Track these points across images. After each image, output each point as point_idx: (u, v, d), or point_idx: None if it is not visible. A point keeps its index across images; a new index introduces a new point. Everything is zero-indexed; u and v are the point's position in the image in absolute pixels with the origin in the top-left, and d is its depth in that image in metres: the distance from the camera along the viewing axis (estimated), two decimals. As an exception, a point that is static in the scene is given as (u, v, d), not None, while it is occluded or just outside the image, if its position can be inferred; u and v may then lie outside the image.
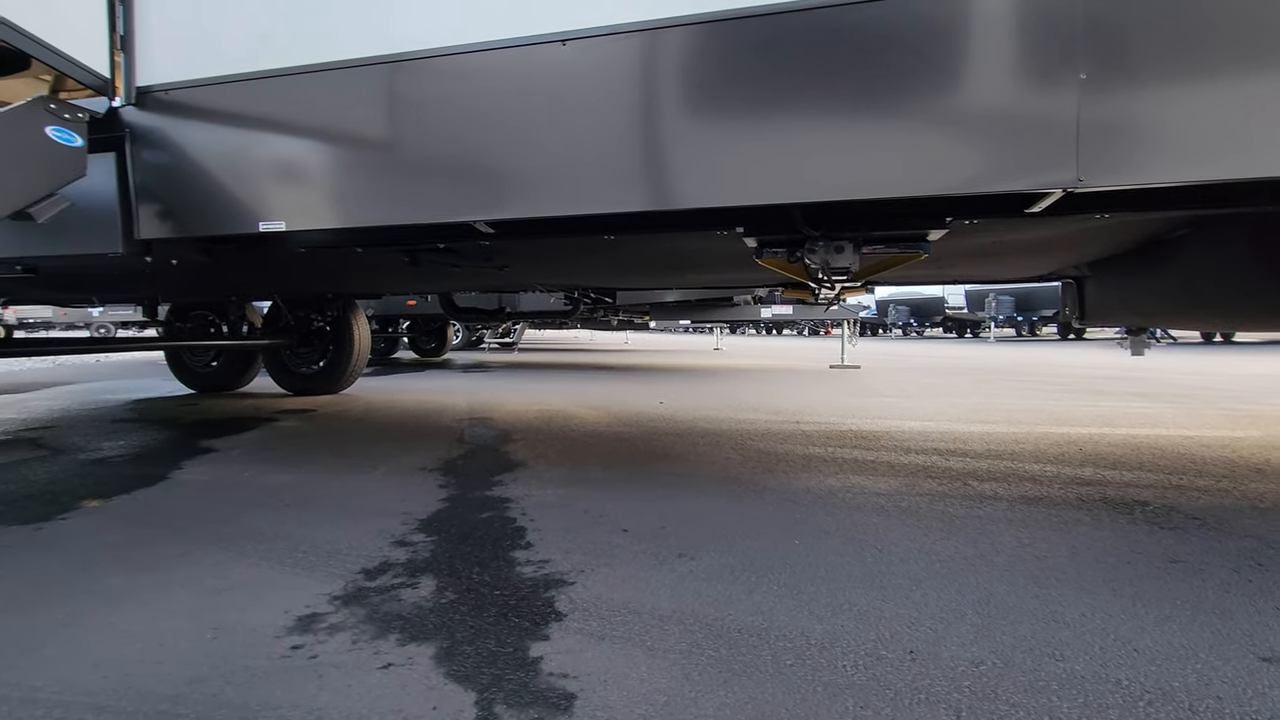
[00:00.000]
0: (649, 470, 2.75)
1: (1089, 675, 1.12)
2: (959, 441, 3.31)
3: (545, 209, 1.88)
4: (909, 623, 1.33)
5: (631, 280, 4.40)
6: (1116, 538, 1.83)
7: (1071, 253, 3.14)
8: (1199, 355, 10.73)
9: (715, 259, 2.98)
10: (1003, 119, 1.60)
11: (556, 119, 1.82)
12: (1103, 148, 1.55)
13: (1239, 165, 1.54)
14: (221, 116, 2.19)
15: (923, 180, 1.64)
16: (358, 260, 3.21)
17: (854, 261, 2.22)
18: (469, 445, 3.35)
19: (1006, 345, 15.68)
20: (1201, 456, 2.89)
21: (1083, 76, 1.55)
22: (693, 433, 3.67)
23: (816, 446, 3.22)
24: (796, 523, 2.00)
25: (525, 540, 1.85)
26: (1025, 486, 2.40)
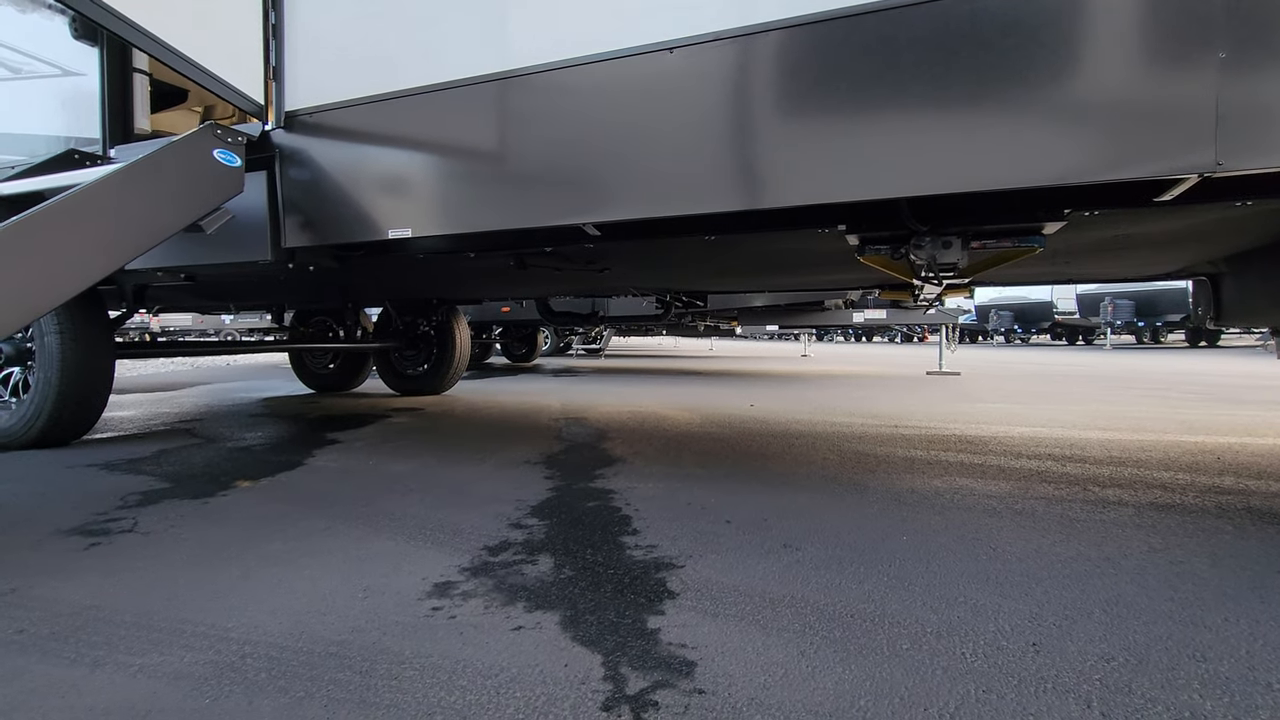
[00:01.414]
0: (746, 468, 2.77)
1: (1234, 677, 1.06)
2: (1075, 447, 3.13)
3: (649, 210, 1.96)
4: (1030, 617, 1.30)
5: (726, 283, 4.43)
6: (1265, 547, 1.70)
7: (1206, 246, 2.91)
8: (1360, 363, 9.55)
9: (812, 259, 2.98)
10: (1129, 101, 1.54)
11: (660, 123, 1.90)
12: (1245, 128, 1.46)
13: None
14: (355, 135, 2.41)
15: (1038, 169, 1.60)
16: (469, 265, 3.43)
17: (962, 257, 2.17)
18: (567, 442, 3.48)
19: (1125, 353, 14.51)
20: (1366, 468, 2.61)
21: (1222, 55, 1.47)
22: (786, 434, 3.66)
23: (918, 450, 3.13)
24: (902, 520, 1.98)
25: (632, 527, 1.92)
26: (1154, 494, 2.25)
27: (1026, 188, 1.64)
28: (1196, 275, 3.63)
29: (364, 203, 2.41)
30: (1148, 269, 3.67)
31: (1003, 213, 2.09)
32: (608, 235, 2.45)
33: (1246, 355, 12.34)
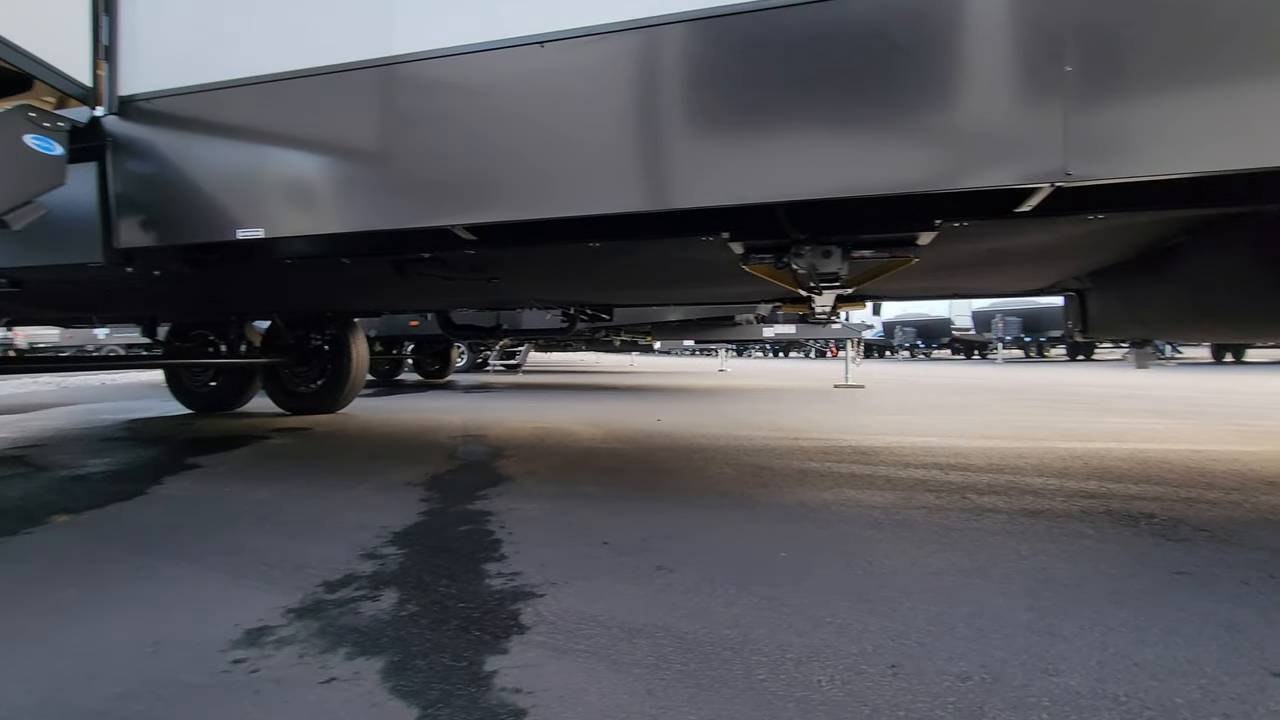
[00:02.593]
0: (640, 485, 2.67)
1: (1084, 691, 1.03)
2: (960, 456, 3.22)
3: (521, 212, 1.84)
4: (895, 636, 1.24)
5: (626, 295, 4.36)
6: (1120, 550, 1.74)
7: (1072, 262, 3.07)
8: (1210, 374, 10.56)
9: (707, 270, 2.94)
10: (986, 112, 1.55)
11: (532, 121, 1.80)
12: (1092, 139, 1.50)
13: (1232, 157, 1.48)
14: (200, 125, 2.18)
15: (904, 176, 1.59)
16: (348, 274, 3.19)
17: (842, 266, 2.16)
18: (460, 461, 3.28)
19: (1014, 366, 15.52)
20: (1211, 470, 2.79)
21: (1069, 68, 1.51)
22: (689, 449, 3.60)
23: (814, 462, 3.13)
24: (786, 536, 1.92)
25: (500, 553, 1.77)
26: (1027, 500, 2.31)
27: (893, 195, 1.64)
28: (1067, 291, 3.85)
29: (210, 200, 2.17)
30: (1023, 284, 3.87)
31: (879, 223, 2.10)
32: (486, 240, 2.31)
33: (1116, 367, 13.45)
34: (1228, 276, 2.42)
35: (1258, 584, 1.47)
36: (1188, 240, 2.53)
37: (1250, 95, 1.46)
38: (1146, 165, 1.50)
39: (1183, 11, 1.48)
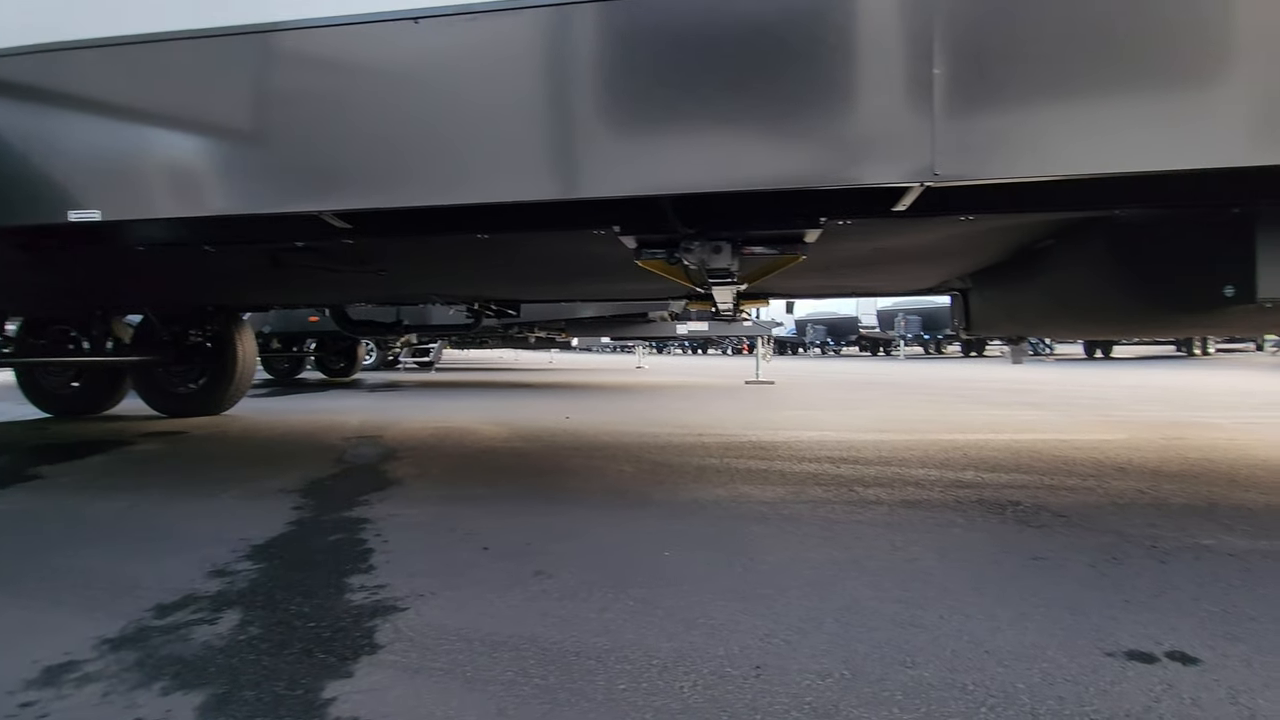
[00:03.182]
0: (535, 485, 2.59)
1: (936, 682, 1.05)
2: (853, 450, 3.32)
3: (390, 199, 1.73)
4: (763, 635, 1.23)
5: (529, 290, 4.26)
6: (986, 538, 1.82)
7: (953, 263, 3.23)
8: (1082, 368, 11.52)
9: (604, 265, 2.89)
10: (859, 112, 1.58)
11: (403, 102, 1.68)
12: (958, 141, 1.55)
13: (1085, 163, 1.57)
14: (28, 91, 1.92)
15: (783, 173, 1.60)
16: (218, 264, 2.93)
17: (733, 263, 2.16)
18: (346, 464, 3.09)
19: (915, 362, 16.41)
20: (1073, 458, 2.99)
21: (937, 72, 1.55)
22: (593, 447, 3.54)
23: (713, 458, 3.15)
24: (674, 534, 1.90)
25: (369, 564, 1.66)
26: (908, 491, 2.39)
27: (773, 190, 1.64)
28: (952, 290, 4.06)
29: (39, 177, 1.92)
30: (911, 284, 4.05)
31: (768, 220, 2.12)
32: (363, 230, 2.17)
33: (1004, 362, 14.46)
34: (1087, 278, 2.59)
35: (1102, 566, 1.57)
36: (1053, 243, 2.69)
37: (1102, 105, 1.54)
38: (1008, 168, 1.57)
39: (1042, 23, 1.55)
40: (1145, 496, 2.25)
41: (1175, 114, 1.54)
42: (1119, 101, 1.54)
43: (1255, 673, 1.06)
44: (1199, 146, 1.54)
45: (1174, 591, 1.41)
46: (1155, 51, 1.52)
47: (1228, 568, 1.55)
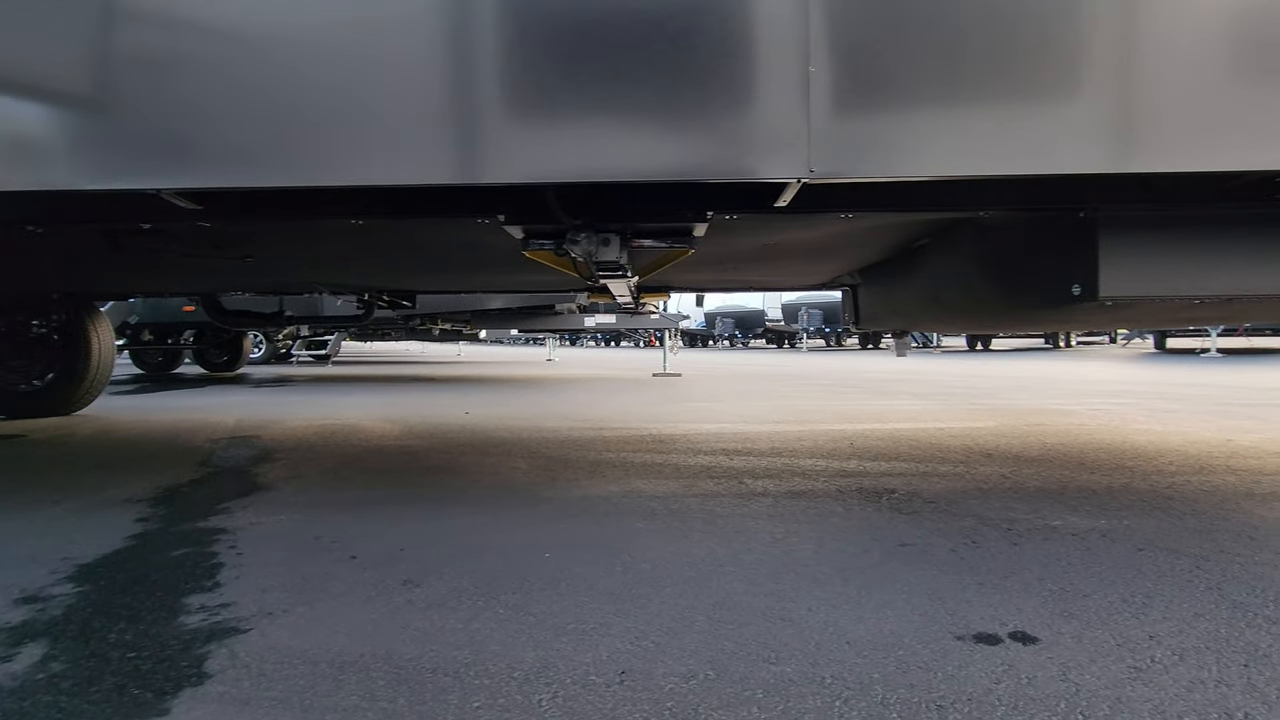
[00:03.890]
0: (422, 486, 2.47)
1: (797, 678, 1.05)
2: (748, 441, 3.38)
3: (248, 178, 1.57)
4: (634, 638, 1.20)
5: (417, 281, 4.06)
6: (861, 526, 1.88)
7: (841, 259, 3.34)
8: (964, 360, 12.39)
9: (494, 255, 2.78)
10: (740, 109, 1.57)
11: (260, 70, 1.52)
12: (833, 139, 1.57)
13: (952, 165, 1.63)
14: None
15: (664, 165, 1.57)
16: (50, 246, 2.60)
17: (621, 255, 2.12)
18: (212, 468, 2.83)
19: (816, 354, 17.13)
20: (948, 445, 3.18)
21: (813, 70, 1.57)
22: (488, 443, 3.43)
23: (611, 452, 3.12)
24: (559, 534, 1.84)
25: (215, 581, 1.50)
26: (795, 481, 2.45)
27: (657, 182, 1.62)
28: (843, 286, 4.22)
29: None
30: (805, 279, 4.17)
31: (657, 213, 2.09)
32: (218, 212, 1.97)
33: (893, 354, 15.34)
34: (958, 276, 2.74)
35: (962, 551, 1.65)
36: (929, 242, 2.83)
37: (967, 112, 1.60)
38: (880, 168, 1.60)
39: (913, 31, 1.59)
40: (1007, 481, 2.41)
41: (1031, 123, 1.62)
42: (982, 109, 1.61)
43: (1084, 648, 1.14)
44: (1052, 154, 1.63)
45: (1022, 572, 1.50)
46: (1014, 65, 1.59)
47: (1070, 547, 1.66)
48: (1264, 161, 1.59)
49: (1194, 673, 1.05)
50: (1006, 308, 2.56)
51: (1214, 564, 1.53)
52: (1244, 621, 1.23)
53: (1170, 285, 2.00)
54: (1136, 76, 1.59)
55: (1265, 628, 1.21)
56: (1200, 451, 2.94)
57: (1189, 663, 1.08)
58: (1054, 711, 0.95)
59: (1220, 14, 1.56)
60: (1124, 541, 1.70)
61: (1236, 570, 1.49)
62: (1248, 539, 1.71)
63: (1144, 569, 1.51)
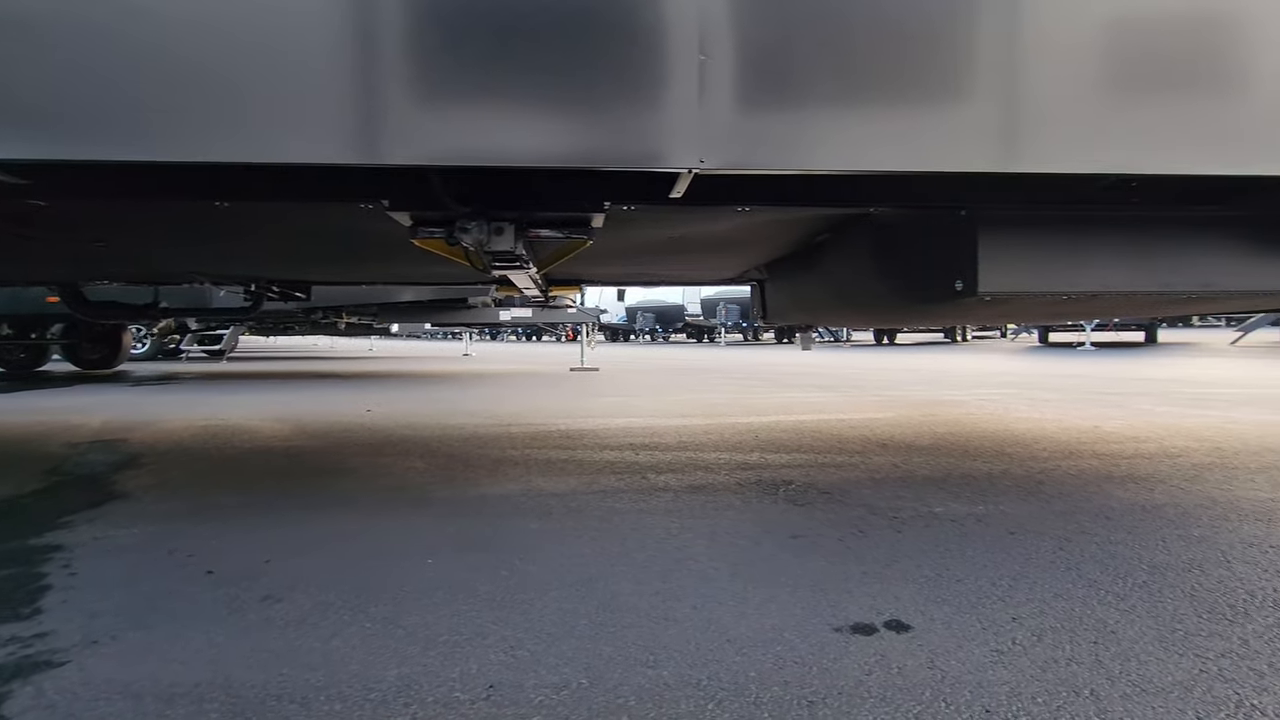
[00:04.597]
0: (304, 491, 2.30)
1: (673, 681, 1.02)
2: (656, 436, 3.37)
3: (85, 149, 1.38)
4: (509, 647, 1.14)
5: (306, 271, 3.81)
6: (756, 519, 1.88)
7: (747, 254, 3.37)
8: (871, 353, 12.96)
9: (384, 243, 2.62)
10: (632, 97, 1.52)
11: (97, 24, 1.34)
12: (723, 130, 1.55)
13: (839, 161, 1.64)
14: None
15: (554, 151, 1.51)
16: None
17: (517, 246, 2.04)
18: (62, 476, 2.54)
19: (734, 348, 17.49)
20: (847, 436, 3.28)
21: (703, 59, 1.54)
22: (388, 442, 3.26)
23: (515, 449, 3.02)
24: (446, 537, 1.75)
25: (35, 607, 1.32)
26: (697, 475, 2.44)
27: (545, 168, 1.55)
28: (752, 281, 4.28)
29: None
30: (714, 273, 4.20)
31: (551, 202, 2.02)
32: (53, 188, 1.74)
33: (813, 349, 15.88)
34: (855, 271, 2.82)
35: (850, 540, 1.68)
36: (829, 238, 2.90)
37: (856, 110, 1.62)
38: (771, 161, 1.60)
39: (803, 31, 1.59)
40: (898, 470, 2.50)
41: (916, 123, 1.65)
42: (870, 108, 1.62)
43: (953, 634, 1.16)
44: (935, 153, 1.68)
45: (903, 560, 1.53)
46: (901, 67, 1.62)
47: (948, 533, 1.73)
48: (1121, 164, 1.69)
49: (1049, 652, 1.10)
50: (899, 302, 2.65)
51: (1075, 544, 1.63)
52: (1095, 599, 1.30)
53: (1042, 282, 2.11)
54: (1014, 85, 1.65)
55: (1114, 604, 1.28)
56: (1071, 438, 3.16)
57: (1045, 642, 1.13)
58: (919, 700, 0.96)
59: (1086, 30, 1.64)
60: (998, 525, 1.78)
61: (1093, 550, 1.58)
62: (1105, 519, 1.83)
63: (1013, 552, 1.58)
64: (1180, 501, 2.01)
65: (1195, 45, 1.63)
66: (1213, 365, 7.97)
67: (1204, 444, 2.92)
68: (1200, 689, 0.98)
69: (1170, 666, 1.05)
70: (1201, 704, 0.94)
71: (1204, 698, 0.96)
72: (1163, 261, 2.17)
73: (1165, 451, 2.77)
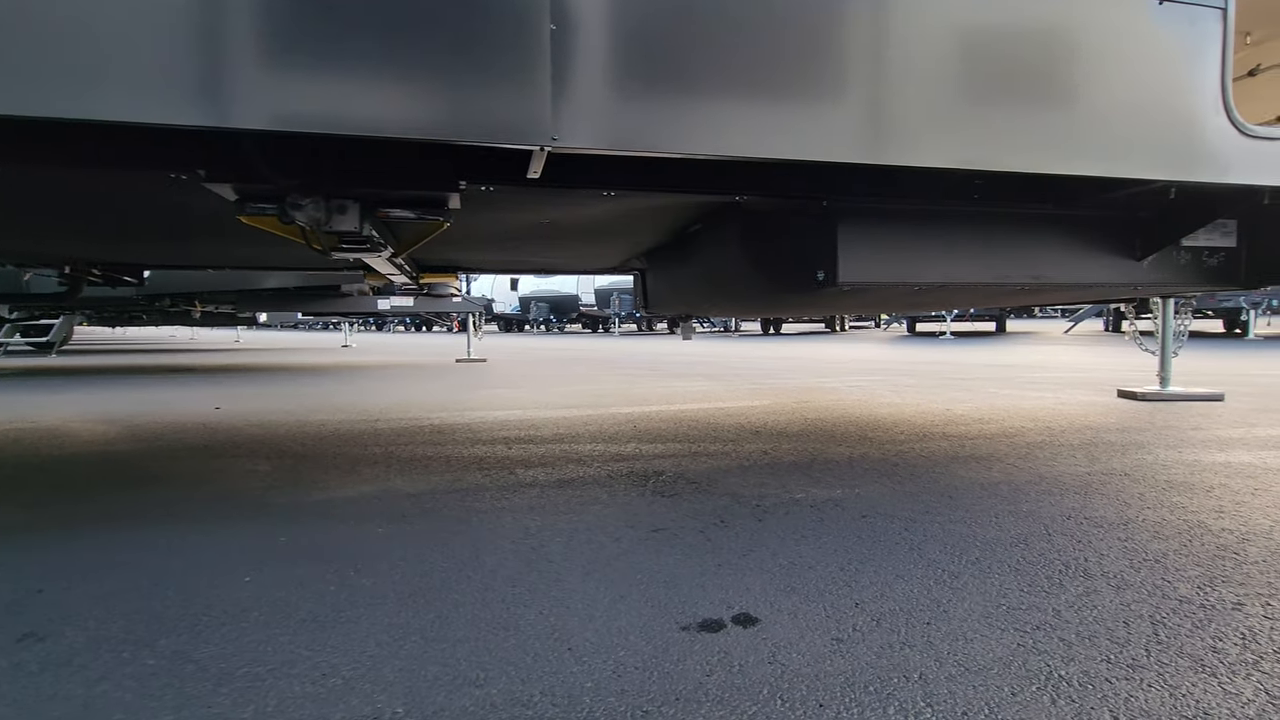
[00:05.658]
0: (116, 502, 2.00)
1: (501, 700, 0.94)
2: (534, 428, 3.26)
3: None
4: (320, 676, 1.00)
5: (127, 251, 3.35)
6: (620, 513, 1.83)
7: (625, 241, 3.32)
8: (757, 343, 13.43)
9: (209, 221, 2.34)
10: (478, 65, 1.41)
11: None
12: (575, 105, 1.47)
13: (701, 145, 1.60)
14: None
15: (386, 119, 1.36)
16: None
17: (365, 226, 1.87)
18: None
19: (628, 338, 17.56)
20: (723, 424, 3.32)
21: (553, 27, 1.45)
22: (231, 443, 2.93)
23: (379, 447, 2.81)
24: (272, 551, 1.56)
25: None
26: (568, 469, 2.37)
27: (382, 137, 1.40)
28: (633, 270, 4.24)
29: None
30: (596, 262, 4.13)
31: (401, 180, 1.86)
32: None
33: (702, 338, 16.25)
34: (728, 260, 2.83)
35: (710, 532, 1.66)
36: (702, 228, 2.90)
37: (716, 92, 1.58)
38: (624, 142, 1.53)
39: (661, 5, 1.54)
40: (767, 457, 2.54)
41: (779, 110, 1.64)
42: (734, 93, 1.60)
43: (797, 624, 1.16)
44: (797, 142, 1.67)
45: (760, 550, 1.53)
46: (764, 53, 1.60)
47: (806, 518, 1.75)
48: (969, 160, 1.76)
49: (886, 637, 1.11)
50: (770, 292, 2.69)
51: (919, 525, 1.69)
52: (933, 579, 1.35)
53: (895, 273, 2.20)
54: (874, 81, 1.67)
55: (948, 583, 1.33)
56: (926, 420, 3.37)
57: (884, 627, 1.14)
58: (755, 699, 0.93)
59: (938, 37, 1.69)
60: (853, 509, 1.83)
61: (935, 530, 1.65)
62: (948, 499, 1.93)
63: (864, 535, 1.62)
64: (1014, 478, 2.16)
65: (1032, 57, 1.72)
66: (1049, 352, 8.88)
67: (1037, 424, 3.20)
68: (1017, 664, 1.02)
69: (993, 643, 1.09)
70: (1017, 679, 0.98)
71: (1019, 672, 1.00)
72: (1001, 255, 2.32)
73: (1004, 431, 3.00)
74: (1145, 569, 1.39)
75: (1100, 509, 1.82)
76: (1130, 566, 1.40)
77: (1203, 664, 1.01)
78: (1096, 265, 2.42)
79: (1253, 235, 2.52)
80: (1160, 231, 2.38)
